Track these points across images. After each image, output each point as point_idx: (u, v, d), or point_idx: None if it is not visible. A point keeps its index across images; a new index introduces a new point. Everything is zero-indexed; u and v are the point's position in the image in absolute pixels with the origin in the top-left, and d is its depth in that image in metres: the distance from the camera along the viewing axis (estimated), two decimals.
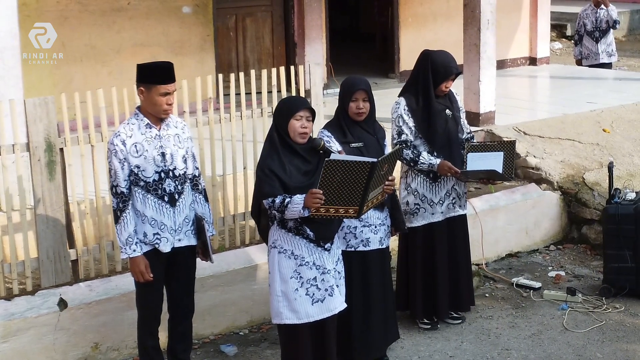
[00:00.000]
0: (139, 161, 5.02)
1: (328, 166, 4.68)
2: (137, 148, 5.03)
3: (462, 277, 6.41)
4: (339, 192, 4.77)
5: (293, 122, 4.99)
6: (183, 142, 5.19)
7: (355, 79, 5.65)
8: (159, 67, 5.08)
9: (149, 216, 5.08)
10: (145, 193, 5.06)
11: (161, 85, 5.00)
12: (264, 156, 5.03)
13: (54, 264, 5.95)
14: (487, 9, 8.88)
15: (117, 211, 5.04)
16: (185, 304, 5.38)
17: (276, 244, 5.09)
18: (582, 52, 12.47)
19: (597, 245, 7.85)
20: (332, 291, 5.14)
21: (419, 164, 6.05)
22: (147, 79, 5.02)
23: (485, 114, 9.04)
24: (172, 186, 5.11)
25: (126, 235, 5.03)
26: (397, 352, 6.04)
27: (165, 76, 5.03)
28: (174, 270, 5.26)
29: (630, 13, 18.93)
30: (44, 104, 5.80)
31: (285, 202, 4.87)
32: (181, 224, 5.17)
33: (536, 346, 6.14)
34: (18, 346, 5.56)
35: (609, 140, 9.00)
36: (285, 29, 11.09)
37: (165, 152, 5.09)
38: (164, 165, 5.08)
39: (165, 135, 5.12)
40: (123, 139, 5.02)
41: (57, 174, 5.91)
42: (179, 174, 5.14)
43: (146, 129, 5.07)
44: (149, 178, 5.05)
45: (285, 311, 5.09)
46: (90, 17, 9.39)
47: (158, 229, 5.10)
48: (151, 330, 5.31)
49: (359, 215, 4.93)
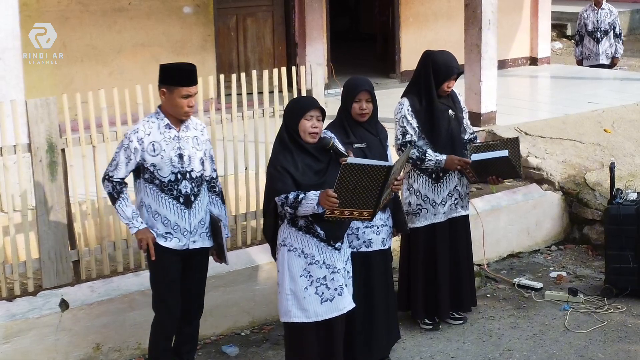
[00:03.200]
0: (155, 160, 5.03)
1: (345, 169, 4.66)
2: (155, 147, 5.03)
3: (464, 277, 6.40)
4: (355, 195, 4.75)
5: (303, 122, 4.99)
6: (201, 144, 5.20)
7: (358, 79, 5.64)
8: (181, 69, 5.07)
9: (162, 215, 5.09)
10: (160, 192, 5.07)
11: (183, 88, 5.00)
12: (276, 154, 5.03)
13: (56, 264, 5.94)
14: (488, 9, 8.88)
15: (114, 193, 5.06)
16: (196, 305, 5.39)
17: (286, 242, 5.09)
18: (583, 52, 12.46)
19: (598, 246, 7.84)
20: (342, 291, 5.14)
21: (426, 161, 6.04)
22: (169, 80, 5.01)
23: (487, 114, 9.04)
24: (188, 188, 5.12)
25: (130, 210, 5.07)
26: (399, 353, 6.03)
27: (187, 78, 5.02)
28: (187, 271, 5.27)
29: (631, 13, 18.92)
30: (45, 104, 5.80)
31: (299, 197, 4.86)
32: (196, 226, 5.18)
33: (538, 347, 6.14)
34: (20, 347, 5.55)
35: (610, 141, 9.00)
36: (286, 29, 11.09)
37: (183, 154, 5.09)
38: (181, 166, 5.09)
39: (184, 136, 5.12)
40: (141, 137, 5.02)
41: (59, 175, 5.91)
42: (195, 176, 5.15)
43: (165, 129, 5.08)
44: (165, 178, 5.06)
45: (294, 309, 5.08)
46: (91, 17, 9.39)
47: (171, 229, 5.11)
48: (167, 334, 5.31)
49: (373, 217, 4.93)
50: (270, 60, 10.90)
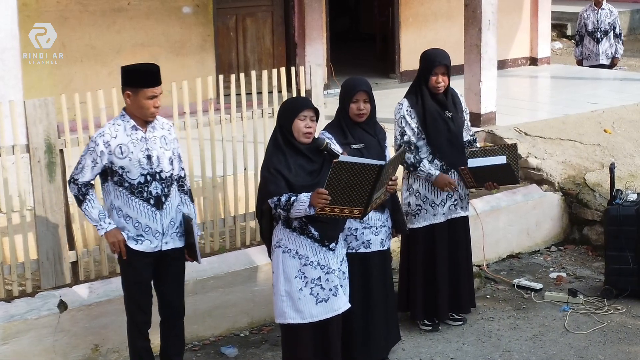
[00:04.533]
0: (123, 162, 4.98)
1: (336, 167, 4.68)
2: (122, 149, 4.98)
3: (463, 278, 6.39)
4: (345, 193, 4.78)
5: (297, 122, 4.98)
6: (169, 144, 5.14)
7: (356, 79, 5.63)
8: (144, 71, 5.01)
9: (133, 217, 5.04)
10: (130, 195, 5.02)
11: (148, 89, 4.95)
12: (269, 156, 5.02)
13: (54, 265, 5.93)
14: (488, 9, 8.86)
15: (80, 195, 5.03)
16: (176, 306, 5.33)
17: (280, 244, 5.08)
18: (583, 52, 12.45)
19: (598, 247, 7.83)
20: (337, 291, 5.13)
21: (418, 170, 6.04)
22: (133, 82, 4.96)
23: (486, 114, 9.03)
24: (158, 189, 5.07)
25: (96, 212, 5.02)
26: (398, 354, 6.02)
27: (151, 79, 4.96)
28: (162, 272, 5.22)
29: (631, 13, 18.91)
30: (44, 105, 5.78)
31: (291, 200, 4.86)
32: (168, 227, 5.13)
33: (537, 348, 6.13)
34: (18, 348, 5.54)
35: (610, 141, 8.99)
36: (286, 29, 11.08)
37: (151, 155, 5.04)
38: (150, 168, 5.03)
39: (152, 137, 5.06)
40: (107, 140, 4.97)
41: (57, 175, 5.90)
42: (165, 176, 5.09)
43: (132, 130, 5.02)
44: (134, 180, 5.01)
45: (289, 311, 5.08)
46: (91, 18, 9.38)
47: (142, 231, 5.07)
48: (141, 331, 5.27)
49: (364, 215, 4.93)
50: (269, 60, 10.88)
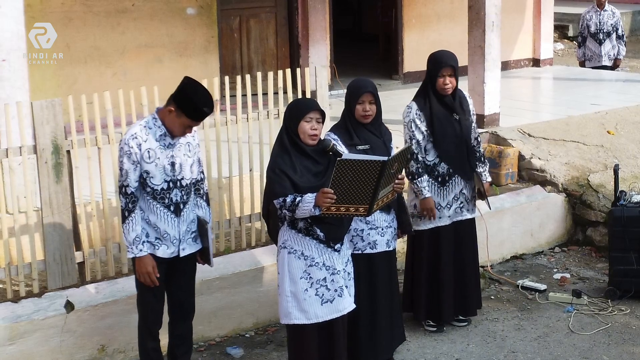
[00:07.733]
0: (149, 167, 4.99)
1: (339, 166, 4.70)
2: (150, 154, 4.99)
3: (470, 281, 6.39)
4: (350, 191, 4.80)
5: (303, 124, 5.00)
6: (192, 150, 5.16)
7: (361, 81, 5.64)
8: (202, 112, 4.93)
9: (152, 221, 5.06)
10: (152, 200, 5.03)
11: (192, 121, 4.95)
12: (274, 157, 5.04)
13: (61, 266, 5.95)
14: (492, 10, 8.87)
15: (125, 211, 5.00)
16: (186, 307, 5.36)
17: (286, 244, 5.10)
18: (586, 53, 12.46)
19: (602, 247, 7.85)
20: (342, 292, 5.15)
21: (414, 182, 6.06)
22: (184, 108, 4.90)
23: (490, 115, 9.04)
24: (178, 196, 5.09)
25: (134, 235, 5.00)
26: (403, 355, 6.04)
27: (200, 118, 4.97)
28: (175, 275, 5.24)
29: (632, 14, 18.92)
30: (50, 106, 5.80)
31: (296, 200, 4.88)
32: (184, 233, 5.15)
33: (542, 349, 6.14)
34: (25, 348, 5.56)
35: (614, 142, 9.00)
36: (290, 30, 11.09)
37: (175, 162, 5.05)
38: (172, 175, 5.05)
39: (178, 144, 5.08)
40: (139, 143, 4.96)
41: (64, 176, 5.91)
42: (186, 184, 5.11)
43: (161, 137, 5.02)
44: (157, 186, 5.02)
45: (294, 311, 5.10)
46: (95, 18, 9.39)
47: (160, 236, 5.09)
48: (151, 332, 5.29)
49: (369, 213, 4.96)
50: (273, 61, 10.90)
